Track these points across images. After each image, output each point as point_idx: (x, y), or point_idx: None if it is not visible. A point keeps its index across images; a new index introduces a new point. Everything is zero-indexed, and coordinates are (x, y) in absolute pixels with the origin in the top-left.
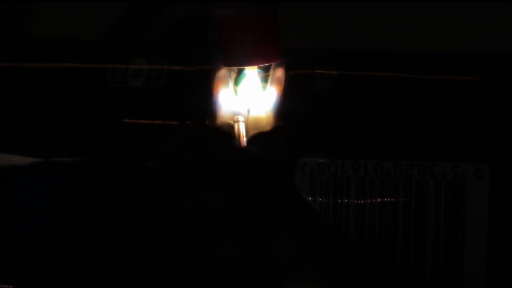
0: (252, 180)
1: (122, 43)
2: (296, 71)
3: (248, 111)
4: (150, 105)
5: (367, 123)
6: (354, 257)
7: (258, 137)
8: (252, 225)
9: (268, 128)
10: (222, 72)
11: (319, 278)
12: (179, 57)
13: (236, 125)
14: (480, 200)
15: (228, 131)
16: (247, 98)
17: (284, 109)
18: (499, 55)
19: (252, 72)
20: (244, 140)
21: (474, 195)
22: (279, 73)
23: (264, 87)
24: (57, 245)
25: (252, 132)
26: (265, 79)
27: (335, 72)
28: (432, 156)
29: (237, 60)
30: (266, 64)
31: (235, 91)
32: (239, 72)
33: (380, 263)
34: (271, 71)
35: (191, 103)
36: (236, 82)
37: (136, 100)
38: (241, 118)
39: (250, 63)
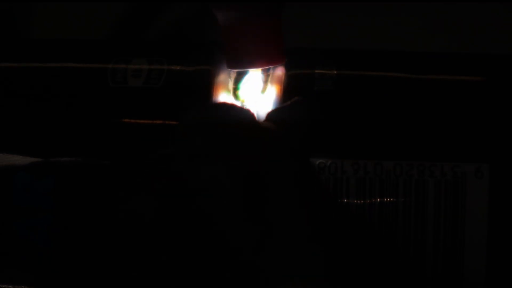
0: (266, 155)
1: (122, 43)
2: (296, 71)
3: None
4: (150, 105)
5: (367, 123)
6: (357, 233)
7: (276, 112)
8: (263, 203)
9: (287, 103)
10: (222, 73)
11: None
12: (179, 57)
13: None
14: (479, 200)
15: (244, 107)
16: (248, 99)
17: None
18: (499, 55)
19: (255, 74)
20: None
21: (474, 195)
22: (280, 73)
23: (265, 87)
24: (66, 241)
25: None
26: (265, 79)
27: (335, 72)
28: (432, 156)
29: (241, 63)
30: (270, 67)
31: (235, 92)
32: (239, 73)
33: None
34: (271, 71)
35: (191, 103)
36: (236, 83)
37: (136, 100)
38: (249, 97)
39: (254, 65)
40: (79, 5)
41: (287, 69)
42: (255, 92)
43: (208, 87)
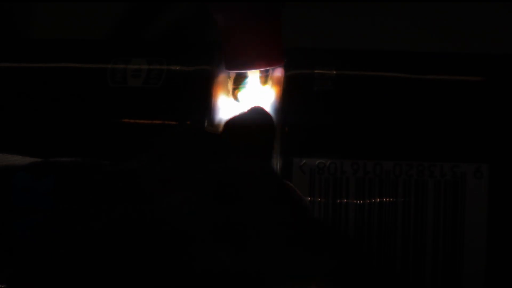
0: (239, 186)
1: (121, 43)
2: (296, 71)
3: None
4: (150, 105)
5: (367, 123)
6: (353, 267)
7: (234, 120)
8: (241, 232)
9: (244, 111)
10: (222, 73)
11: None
12: (178, 57)
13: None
14: (479, 200)
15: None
16: (247, 100)
17: (283, 109)
18: (499, 55)
19: (254, 75)
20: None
21: (473, 195)
22: (279, 73)
23: (264, 88)
24: (55, 245)
25: None
26: (264, 80)
27: (335, 72)
28: (432, 156)
29: (240, 64)
30: (269, 68)
31: (234, 93)
32: (238, 73)
33: (380, 266)
34: (270, 72)
35: (190, 103)
36: (235, 84)
37: (135, 100)
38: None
39: (253, 66)
40: (79, 5)
41: (287, 69)
42: (254, 93)
43: (207, 87)
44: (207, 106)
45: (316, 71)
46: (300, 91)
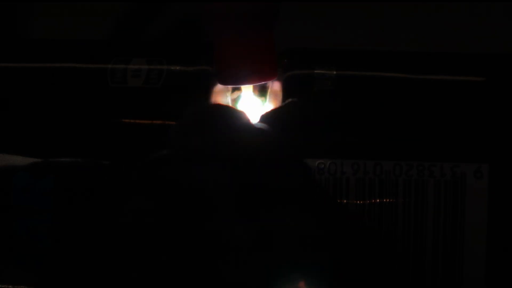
0: (262, 159)
1: (121, 43)
2: (295, 72)
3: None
4: (150, 105)
5: (367, 123)
6: (361, 238)
7: (270, 114)
8: (260, 202)
9: (281, 104)
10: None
11: (328, 257)
12: (178, 57)
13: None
14: (479, 201)
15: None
16: (246, 104)
17: (283, 111)
18: (499, 55)
19: (248, 90)
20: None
21: (473, 195)
22: (276, 87)
23: (263, 101)
24: (66, 241)
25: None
26: (262, 93)
27: (334, 73)
28: (432, 156)
29: (232, 79)
30: (262, 83)
31: (233, 93)
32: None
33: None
34: (269, 84)
35: (190, 103)
36: (233, 91)
37: (135, 100)
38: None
39: (245, 82)
40: (79, 5)
41: (287, 69)
42: (251, 108)
43: (207, 87)
44: (204, 107)
45: (316, 71)
46: (300, 92)
